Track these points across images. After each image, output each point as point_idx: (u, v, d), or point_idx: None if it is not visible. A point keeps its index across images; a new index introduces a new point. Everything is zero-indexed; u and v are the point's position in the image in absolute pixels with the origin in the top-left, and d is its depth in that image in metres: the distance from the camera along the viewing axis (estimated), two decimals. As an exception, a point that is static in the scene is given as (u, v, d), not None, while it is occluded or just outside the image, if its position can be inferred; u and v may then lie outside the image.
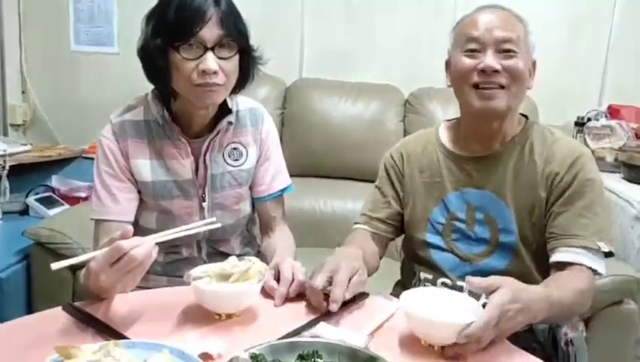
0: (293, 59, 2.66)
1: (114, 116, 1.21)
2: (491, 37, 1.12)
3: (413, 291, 0.95)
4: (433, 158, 1.25)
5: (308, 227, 2.26)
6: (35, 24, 2.78)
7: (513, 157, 1.17)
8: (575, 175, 1.12)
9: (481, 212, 1.18)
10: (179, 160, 1.21)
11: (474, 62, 1.13)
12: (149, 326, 0.92)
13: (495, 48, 1.12)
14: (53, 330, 0.89)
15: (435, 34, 2.59)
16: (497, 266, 1.16)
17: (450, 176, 1.22)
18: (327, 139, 2.40)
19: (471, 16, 1.18)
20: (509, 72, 1.11)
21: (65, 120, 2.81)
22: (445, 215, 1.21)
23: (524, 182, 1.16)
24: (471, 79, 1.13)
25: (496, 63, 1.10)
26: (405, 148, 1.31)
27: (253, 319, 0.96)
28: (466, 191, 1.20)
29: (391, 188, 1.30)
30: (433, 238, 1.22)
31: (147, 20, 1.15)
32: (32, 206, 2.37)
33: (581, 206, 1.11)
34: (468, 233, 1.19)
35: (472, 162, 1.20)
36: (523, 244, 1.15)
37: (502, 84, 1.11)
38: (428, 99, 2.42)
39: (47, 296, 1.94)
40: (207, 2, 1.09)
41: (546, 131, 1.20)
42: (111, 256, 0.87)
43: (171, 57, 1.10)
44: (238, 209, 1.30)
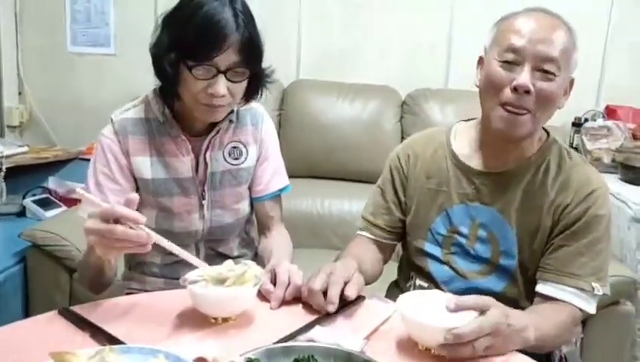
0: (291, 60, 2.67)
1: (115, 115, 1.21)
2: (533, 51, 1.03)
3: (411, 294, 0.95)
4: (442, 165, 1.19)
5: (306, 228, 2.26)
6: (32, 25, 2.78)
7: (526, 178, 1.12)
8: (586, 210, 1.07)
9: (484, 230, 1.14)
10: (179, 157, 1.21)
11: (508, 77, 1.04)
12: (145, 330, 0.92)
13: (534, 65, 1.03)
14: (49, 335, 0.89)
15: (432, 34, 2.60)
16: (493, 288, 1.13)
17: (458, 188, 1.16)
18: (325, 140, 2.41)
19: (516, 19, 1.08)
20: (539, 96, 1.03)
21: (61, 121, 2.81)
22: (447, 227, 1.17)
23: (532, 206, 1.11)
24: (501, 96, 1.05)
25: (530, 83, 1.02)
26: (414, 148, 1.25)
27: (250, 323, 0.96)
28: (472, 206, 1.15)
29: (393, 193, 1.26)
30: (432, 248, 1.19)
31: (165, 24, 1.13)
32: (29, 207, 2.37)
33: (584, 243, 1.06)
34: (468, 249, 1.15)
35: (482, 177, 1.15)
36: (521, 270, 1.12)
37: (530, 108, 1.04)
38: (425, 100, 2.43)
39: (44, 297, 1.95)
40: (230, 26, 1.06)
41: (565, 154, 1.14)
42: (103, 214, 0.89)
43: (182, 71, 1.09)
44: (237, 208, 1.30)
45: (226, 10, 1.07)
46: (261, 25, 1.15)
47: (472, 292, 1.10)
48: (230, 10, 1.08)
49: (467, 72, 2.52)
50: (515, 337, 0.89)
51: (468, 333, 0.82)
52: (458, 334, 0.81)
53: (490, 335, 0.84)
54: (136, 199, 0.92)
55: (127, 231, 0.89)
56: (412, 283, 1.25)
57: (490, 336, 0.84)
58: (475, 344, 0.83)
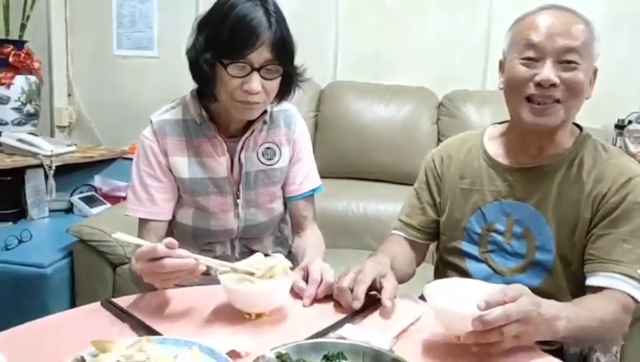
0: (328, 62, 2.68)
1: (154, 116, 1.26)
2: (552, 45, 1.04)
3: (439, 282, 0.96)
4: (475, 165, 1.20)
5: (340, 228, 2.27)
6: (81, 30, 2.89)
7: (560, 173, 1.11)
8: (624, 197, 1.05)
9: (519, 226, 1.13)
10: (215, 158, 1.25)
11: (530, 73, 1.05)
12: (181, 323, 0.96)
13: (555, 58, 1.04)
14: (92, 325, 0.94)
15: (470, 36, 2.57)
16: (530, 284, 1.08)
17: (491, 186, 1.17)
18: (361, 141, 2.41)
19: (531, 17, 1.09)
20: (567, 86, 1.04)
21: (107, 122, 2.91)
22: (482, 225, 1.17)
23: (568, 200, 1.10)
24: (525, 91, 1.06)
25: (554, 76, 1.03)
26: (448, 150, 1.27)
27: (282, 319, 0.99)
28: (506, 203, 1.15)
29: (428, 194, 1.27)
30: (469, 248, 1.19)
31: (200, 26, 1.17)
32: (76, 204, 2.48)
33: (626, 230, 1.05)
34: (504, 246, 1.15)
35: (516, 173, 1.15)
36: (561, 264, 1.10)
37: (558, 98, 1.05)
38: (462, 101, 2.40)
39: (90, 290, 2.03)
40: (262, 25, 1.11)
41: (600, 147, 1.13)
42: (147, 253, 0.94)
43: (218, 71, 1.14)
44: (272, 207, 1.33)
45: (258, 10, 1.12)
46: (299, 27, 1.18)
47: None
48: (262, 10, 1.12)
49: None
50: (544, 326, 0.88)
51: (495, 319, 0.81)
52: (486, 320, 0.81)
53: (519, 323, 0.83)
54: (176, 244, 0.95)
55: (175, 262, 0.93)
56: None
57: (520, 324, 0.83)
58: (503, 330, 0.82)
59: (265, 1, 1.14)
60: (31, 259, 1.99)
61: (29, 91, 2.52)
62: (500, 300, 0.83)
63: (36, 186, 2.39)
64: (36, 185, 2.39)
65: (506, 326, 0.82)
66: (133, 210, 1.25)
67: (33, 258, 1.99)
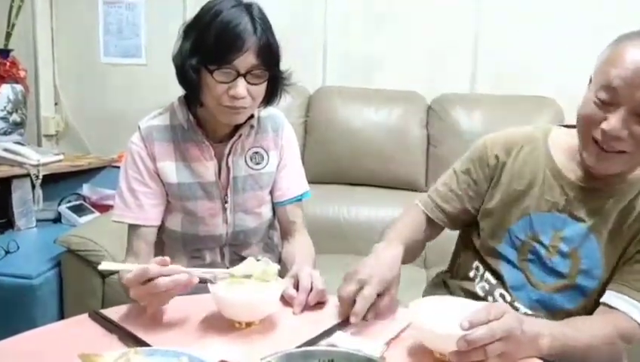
0: (316, 67, 2.68)
1: (142, 122, 1.26)
2: (631, 96, 0.93)
3: (423, 301, 0.96)
4: (536, 168, 1.12)
5: (331, 234, 2.27)
6: (67, 38, 2.87)
7: (626, 199, 1.05)
8: None
9: (567, 244, 1.07)
10: (203, 162, 1.25)
11: (600, 116, 0.96)
12: (171, 333, 0.95)
13: (630, 109, 0.94)
14: (80, 337, 0.93)
15: (458, 39, 2.58)
16: (565, 305, 1.08)
17: (548, 195, 1.10)
18: (351, 146, 2.41)
19: (624, 50, 0.95)
20: (635, 140, 0.95)
21: (95, 130, 2.89)
22: (527, 233, 1.11)
23: (627, 229, 1.04)
24: (591, 131, 0.99)
25: (622, 130, 0.94)
26: (509, 145, 1.16)
27: (273, 327, 0.98)
28: (560, 217, 1.08)
29: (473, 184, 1.18)
30: (508, 252, 1.13)
31: (186, 32, 1.18)
32: (64, 214, 2.45)
33: None
34: (545, 260, 1.10)
35: (578, 190, 1.08)
36: (599, 291, 1.06)
37: (624, 150, 0.97)
38: (451, 105, 2.41)
39: (78, 301, 2.01)
40: (247, 31, 1.11)
41: None
42: (139, 276, 0.94)
43: (204, 76, 1.14)
44: (260, 212, 1.33)
45: (244, 16, 1.12)
46: (287, 33, 1.18)
47: (539, 306, 1.09)
48: (247, 16, 1.13)
49: (494, 77, 2.53)
50: (527, 343, 0.87)
51: (480, 337, 0.81)
52: (470, 339, 0.80)
53: (502, 341, 0.83)
54: (168, 261, 0.96)
55: (167, 281, 0.93)
56: (477, 273, 1.19)
57: (503, 342, 0.83)
58: (487, 349, 0.82)
59: (250, 6, 1.15)
60: (18, 270, 1.96)
61: (15, 100, 2.50)
62: (483, 319, 0.83)
63: (23, 196, 2.37)
64: (23, 195, 2.37)
65: (489, 344, 0.82)
66: (121, 215, 1.25)
67: (20, 269, 1.97)
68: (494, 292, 1.16)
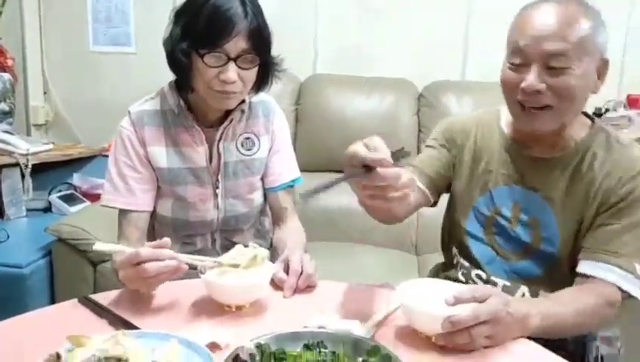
0: (308, 55, 2.67)
1: (132, 107, 1.26)
2: (538, 51, 1.00)
3: (411, 282, 0.96)
4: (491, 146, 1.18)
5: (323, 221, 2.27)
6: (55, 26, 2.84)
7: (572, 165, 1.09)
8: (631, 190, 1.04)
9: (526, 214, 1.12)
10: (193, 147, 1.25)
11: (517, 79, 1.03)
12: (160, 317, 0.95)
13: (541, 64, 1.01)
14: (70, 321, 0.93)
15: (449, 26, 2.57)
16: (534, 272, 1.12)
17: (503, 169, 1.15)
18: (342, 134, 2.41)
19: (525, 16, 1.05)
20: (556, 92, 1.01)
21: (85, 119, 2.87)
22: (490, 207, 1.16)
23: (577, 193, 1.08)
24: (515, 95, 1.05)
25: (538, 83, 1.00)
26: (466, 126, 1.23)
27: (263, 311, 0.99)
28: (516, 189, 1.14)
29: (446, 152, 1.22)
30: (474, 228, 1.18)
31: (176, 17, 1.18)
32: (55, 203, 2.44)
33: (628, 222, 1.03)
34: (509, 232, 1.14)
35: (529, 161, 1.13)
36: (565, 256, 1.09)
37: (548, 104, 1.02)
38: (442, 92, 2.41)
39: (70, 290, 2.00)
40: (238, 15, 1.11)
41: (612, 139, 1.10)
42: (129, 260, 0.94)
43: (194, 60, 1.14)
44: (251, 198, 1.33)
45: (234, 1, 1.12)
46: (279, 20, 1.18)
47: (514, 275, 1.13)
48: (238, 1, 1.12)
49: (484, 63, 2.54)
50: (515, 325, 0.88)
51: (464, 319, 0.82)
52: (454, 321, 0.82)
53: (488, 324, 0.84)
54: (169, 243, 0.96)
55: (158, 265, 0.94)
56: (457, 263, 1.23)
57: (489, 324, 0.84)
58: (472, 332, 0.83)
59: None
60: (8, 259, 1.96)
61: (3, 89, 2.47)
62: (469, 297, 0.84)
63: (12, 185, 2.35)
64: (12, 185, 2.35)
65: (475, 327, 0.83)
66: (110, 199, 1.24)
67: (10, 258, 1.96)
68: (471, 274, 1.19)
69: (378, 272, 1.95)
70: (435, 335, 0.86)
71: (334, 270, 1.35)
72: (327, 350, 0.79)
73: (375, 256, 2.14)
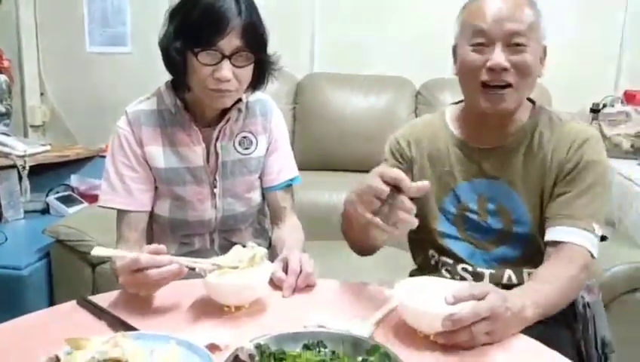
0: (304, 53, 2.67)
1: (129, 107, 1.25)
2: (500, 30, 1.07)
3: (408, 281, 0.96)
4: (442, 147, 1.21)
5: (322, 220, 2.26)
6: (51, 27, 2.84)
7: (523, 147, 1.15)
8: (580, 157, 1.11)
9: (492, 203, 1.16)
10: (190, 147, 1.24)
11: (482, 59, 1.08)
12: (159, 318, 0.95)
13: (504, 42, 1.07)
14: (68, 323, 0.93)
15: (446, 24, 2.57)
16: (512, 254, 1.15)
17: (460, 166, 1.19)
18: (340, 132, 2.41)
19: (478, 3, 1.12)
20: (517, 69, 1.07)
21: (82, 120, 2.87)
22: (456, 205, 1.19)
23: (534, 171, 1.14)
24: (479, 77, 1.09)
25: (505, 61, 1.06)
26: (413, 135, 1.26)
27: (262, 311, 0.98)
28: (477, 182, 1.17)
29: (402, 168, 1.22)
30: (447, 228, 1.20)
31: (171, 16, 1.17)
32: (53, 204, 2.44)
33: (581, 187, 1.09)
34: (481, 224, 1.17)
35: (482, 152, 1.17)
36: (537, 232, 1.13)
37: (510, 82, 1.08)
38: (439, 89, 2.41)
39: (69, 291, 2.00)
40: (232, 11, 1.10)
41: (554, 117, 1.17)
42: (129, 266, 0.94)
43: (189, 59, 1.14)
44: (249, 197, 1.33)
45: None
46: (275, 19, 1.17)
47: (495, 263, 1.15)
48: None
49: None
50: (513, 320, 0.89)
51: (465, 317, 0.82)
52: (455, 319, 0.82)
53: (488, 320, 0.84)
54: (164, 249, 0.97)
55: (160, 271, 0.94)
56: (437, 259, 1.24)
57: (489, 321, 0.84)
58: (472, 329, 0.83)
59: None
60: (6, 261, 1.95)
61: (0, 90, 2.47)
62: (468, 295, 0.84)
63: (10, 187, 2.35)
64: (10, 186, 2.35)
65: (475, 324, 0.83)
66: (108, 200, 1.24)
67: (9, 260, 1.96)
68: (457, 268, 1.20)
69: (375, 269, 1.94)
70: (434, 333, 0.85)
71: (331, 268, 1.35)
72: (327, 349, 0.79)
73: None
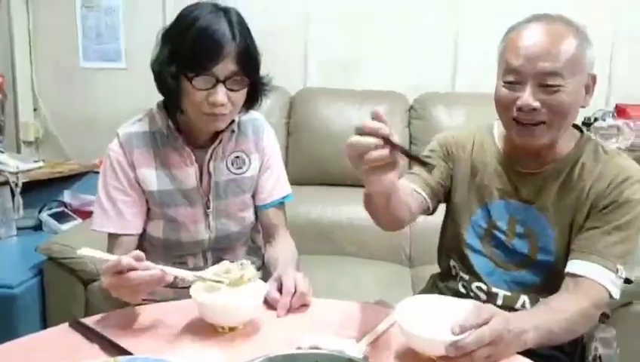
0: (297, 69, 2.68)
1: (121, 129, 1.25)
2: (532, 70, 1.04)
3: (408, 301, 0.96)
4: (486, 160, 1.21)
5: (317, 235, 2.27)
6: (45, 42, 2.84)
7: (562, 176, 1.13)
8: (619, 194, 1.07)
9: (522, 226, 1.16)
10: (183, 168, 1.24)
11: (512, 97, 1.07)
12: (153, 341, 0.94)
13: (536, 82, 1.04)
14: (61, 347, 0.91)
15: (439, 39, 2.59)
16: (533, 281, 1.15)
17: (499, 184, 1.18)
18: (333, 146, 2.41)
19: (516, 35, 1.08)
20: (550, 109, 1.05)
21: (76, 136, 2.86)
22: (487, 221, 1.19)
23: (568, 201, 1.12)
24: (510, 113, 1.08)
25: (534, 101, 1.04)
26: (461, 141, 1.25)
27: (256, 331, 0.98)
28: (511, 203, 1.17)
29: (442, 161, 1.24)
30: (473, 240, 1.21)
31: (163, 39, 1.17)
32: (46, 221, 2.42)
33: (614, 225, 1.06)
34: (506, 244, 1.17)
35: (522, 176, 1.17)
36: (561, 263, 1.11)
37: (542, 120, 1.06)
38: (432, 104, 2.42)
39: (61, 309, 1.99)
40: (226, 37, 1.10)
41: (600, 149, 1.14)
42: (112, 267, 0.94)
43: (183, 83, 1.13)
44: (243, 216, 1.32)
45: (221, 22, 1.11)
46: (268, 35, 1.17)
47: (514, 285, 1.16)
48: (225, 22, 1.12)
49: (474, 75, 2.56)
50: (513, 342, 0.89)
51: (470, 344, 0.82)
52: (460, 346, 0.82)
53: (490, 345, 0.84)
54: (142, 256, 0.96)
55: (142, 274, 0.93)
56: (456, 272, 1.25)
57: (491, 345, 0.84)
58: (474, 354, 0.83)
59: (228, 12, 1.14)
60: (-1, 279, 1.93)
61: (-7, 107, 2.47)
62: (474, 324, 0.84)
63: (2, 204, 2.33)
64: (3, 203, 2.33)
65: (478, 349, 0.83)
66: (101, 224, 1.23)
67: (1, 278, 1.94)
68: (472, 286, 1.20)
69: (372, 285, 1.94)
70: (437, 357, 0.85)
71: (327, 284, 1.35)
72: (321, 371, 0.78)
73: (368, 269, 2.13)
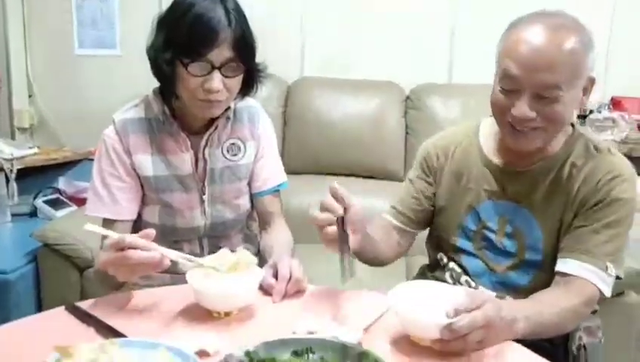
0: (295, 58, 2.68)
1: (116, 115, 1.25)
2: (531, 81, 1.00)
3: (403, 286, 0.97)
4: (471, 163, 1.20)
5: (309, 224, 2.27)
6: (40, 29, 2.82)
7: (551, 175, 1.12)
8: (608, 192, 1.06)
9: (511, 225, 1.15)
10: (179, 154, 1.24)
11: (508, 103, 1.04)
12: (149, 325, 0.94)
13: (534, 92, 1.01)
14: (56, 330, 0.92)
15: (435, 29, 2.59)
16: (520, 281, 1.14)
17: (486, 185, 1.17)
18: (330, 136, 2.42)
19: (516, 37, 1.03)
20: (545, 118, 1.02)
21: (70, 123, 2.85)
22: (477, 223, 1.19)
23: (557, 200, 1.11)
24: (505, 117, 1.06)
25: (530, 112, 1.01)
26: (445, 147, 1.25)
27: (252, 317, 0.98)
28: (500, 203, 1.16)
29: (425, 185, 1.26)
30: (464, 244, 1.20)
31: (159, 25, 1.16)
32: (40, 208, 2.42)
33: (603, 223, 1.06)
34: (496, 243, 1.17)
35: (509, 175, 1.15)
36: (548, 263, 1.11)
37: (537, 126, 1.04)
38: (428, 95, 2.43)
39: (56, 295, 1.99)
40: (221, 23, 1.10)
41: (591, 146, 1.12)
42: (115, 243, 0.94)
43: (178, 70, 1.13)
44: (238, 204, 1.32)
45: (218, 9, 1.11)
46: (265, 24, 1.16)
47: (500, 286, 1.16)
48: (221, 9, 1.11)
49: (471, 66, 2.56)
50: (504, 329, 0.90)
51: (464, 327, 0.83)
52: (454, 329, 0.82)
53: (482, 329, 0.85)
54: (152, 233, 0.96)
55: (141, 254, 0.93)
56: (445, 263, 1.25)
57: (483, 329, 0.85)
58: (467, 337, 0.84)
59: None
60: (-7, 265, 1.93)
61: (-13, 93, 2.45)
62: (468, 308, 0.85)
63: (-4, 190, 2.33)
64: (-3, 189, 2.33)
65: (470, 333, 0.84)
66: (95, 210, 1.23)
67: (-4, 264, 1.93)
68: (460, 279, 1.21)
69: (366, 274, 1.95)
70: (430, 340, 0.86)
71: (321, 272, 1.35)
72: (316, 356, 0.79)
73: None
